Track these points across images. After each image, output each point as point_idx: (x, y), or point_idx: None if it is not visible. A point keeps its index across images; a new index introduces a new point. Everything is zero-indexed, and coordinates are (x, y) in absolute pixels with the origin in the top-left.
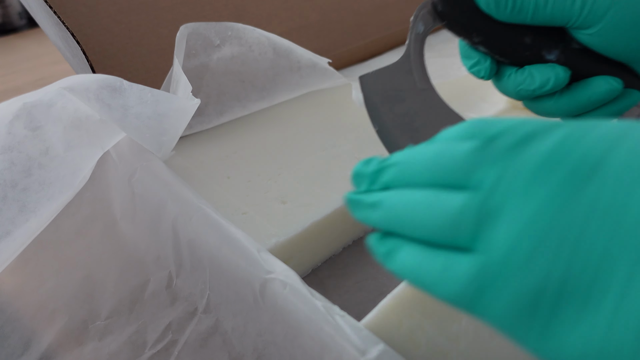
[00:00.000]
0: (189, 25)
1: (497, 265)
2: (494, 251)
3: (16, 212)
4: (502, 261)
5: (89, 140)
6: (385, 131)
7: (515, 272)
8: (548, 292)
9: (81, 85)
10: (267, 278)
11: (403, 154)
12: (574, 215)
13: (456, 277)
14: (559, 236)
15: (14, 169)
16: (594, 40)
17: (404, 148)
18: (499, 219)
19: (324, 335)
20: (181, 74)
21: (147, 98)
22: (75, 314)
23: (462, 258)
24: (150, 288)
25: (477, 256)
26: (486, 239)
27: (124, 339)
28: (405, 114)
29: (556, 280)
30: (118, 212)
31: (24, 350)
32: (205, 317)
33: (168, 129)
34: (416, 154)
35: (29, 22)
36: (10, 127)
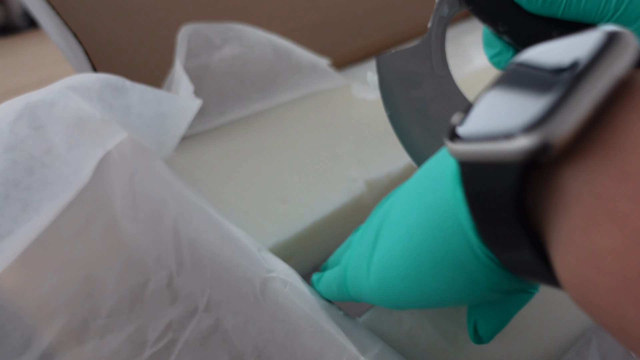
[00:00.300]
0: (191, 25)
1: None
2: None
3: (18, 211)
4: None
5: (91, 140)
6: (398, 117)
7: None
8: (367, 250)
9: (83, 84)
10: (267, 277)
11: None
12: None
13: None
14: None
15: (17, 167)
16: None
17: (414, 136)
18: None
19: (324, 333)
20: (183, 74)
21: (149, 98)
22: (75, 312)
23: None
24: (150, 287)
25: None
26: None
27: (125, 337)
28: (419, 99)
29: (368, 245)
30: (119, 211)
31: (25, 348)
32: (205, 316)
33: (169, 128)
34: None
35: (30, 23)
36: (13, 126)
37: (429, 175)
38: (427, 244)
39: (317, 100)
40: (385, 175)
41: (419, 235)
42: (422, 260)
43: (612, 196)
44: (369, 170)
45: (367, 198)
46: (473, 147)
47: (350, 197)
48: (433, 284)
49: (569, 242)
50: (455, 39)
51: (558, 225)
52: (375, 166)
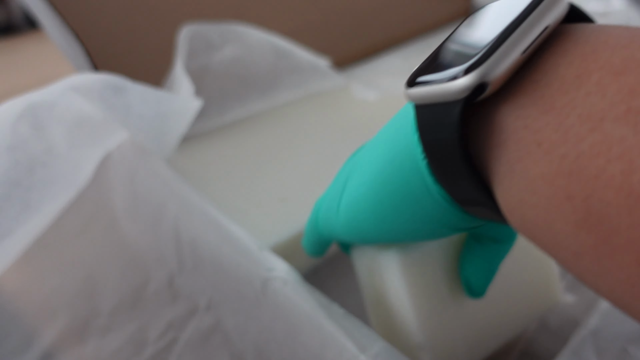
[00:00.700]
0: (191, 26)
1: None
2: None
3: (19, 211)
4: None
5: (92, 140)
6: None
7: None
8: (339, 189)
9: (85, 84)
10: (268, 276)
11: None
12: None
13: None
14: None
15: (18, 167)
16: None
17: None
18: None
19: (325, 332)
20: (183, 74)
21: (149, 98)
22: (76, 312)
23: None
24: (151, 286)
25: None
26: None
27: (126, 336)
28: None
29: (339, 184)
30: (120, 211)
31: (26, 348)
32: (206, 315)
33: (170, 129)
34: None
35: (31, 23)
36: (14, 126)
37: (394, 124)
38: (389, 184)
39: (317, 101)
40: None
41: (382, 176)
42: (385, 199)
43: (540, 127)
44: None
45: None
46: (424, 89)
47: None
48: (395, 220)
49: (507, 172)
50: None
51: (498, 158)
52: None
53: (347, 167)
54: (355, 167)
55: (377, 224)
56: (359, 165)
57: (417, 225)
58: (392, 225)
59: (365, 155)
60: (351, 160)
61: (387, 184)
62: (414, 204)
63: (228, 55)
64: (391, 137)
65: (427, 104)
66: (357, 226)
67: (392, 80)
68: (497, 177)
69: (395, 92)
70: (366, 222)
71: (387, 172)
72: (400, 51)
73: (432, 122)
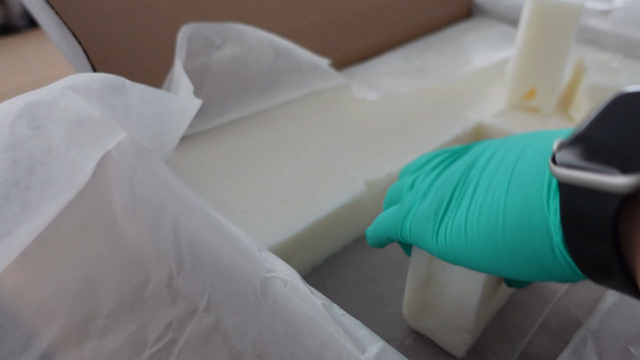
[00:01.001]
0: (190, 25)
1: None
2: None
3: (18, 211)
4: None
5: (91, 140)
6: None
7: (417, 202)
8: (439, 209)
9: (83, 84)
10: (268, 277)
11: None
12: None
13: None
14: (437, 188)
15: (17, 167)
16: None
17: None
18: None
19: (325, 333)
20: (182, 74)
21: (149, 98)
22: (75, 312)
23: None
24: (150, 287)
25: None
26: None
27: (125, 337)
28: None
29: (440, 203)
30: (119, 211)
31: (25, 348)
32: (205, 316)
33: (169, 128)
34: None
35: (30, 23)
36: (13, 126)
37: (521, 171)
38: (510, 232)
39: (317, 100)
40: (385, 175)
41: (503, 222)
42: (501, 244)
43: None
44: (369, 170)
45: (367, 198)
46: (576, 174)
47: (350, 197)
48: (504, 263)
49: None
50: (456, 39)
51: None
52: (375, 166)
53: (454, 176)
54: (468, 188)
55: (483, 260)
56: (473, 188)
57: (526, 271)
58: (498, 265)
59: (484, 182)
60: (459, 168)
61: (507, 232)
62: (532, 256)
63: (228, 54)
64: (519, 184)
65: (577, 186)
66: (458, 253)
67: (392, 80)
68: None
69: (395, 92)
70: (470, 255)
71: (511, 220)
72: (400, 51)
73: (579, 204)
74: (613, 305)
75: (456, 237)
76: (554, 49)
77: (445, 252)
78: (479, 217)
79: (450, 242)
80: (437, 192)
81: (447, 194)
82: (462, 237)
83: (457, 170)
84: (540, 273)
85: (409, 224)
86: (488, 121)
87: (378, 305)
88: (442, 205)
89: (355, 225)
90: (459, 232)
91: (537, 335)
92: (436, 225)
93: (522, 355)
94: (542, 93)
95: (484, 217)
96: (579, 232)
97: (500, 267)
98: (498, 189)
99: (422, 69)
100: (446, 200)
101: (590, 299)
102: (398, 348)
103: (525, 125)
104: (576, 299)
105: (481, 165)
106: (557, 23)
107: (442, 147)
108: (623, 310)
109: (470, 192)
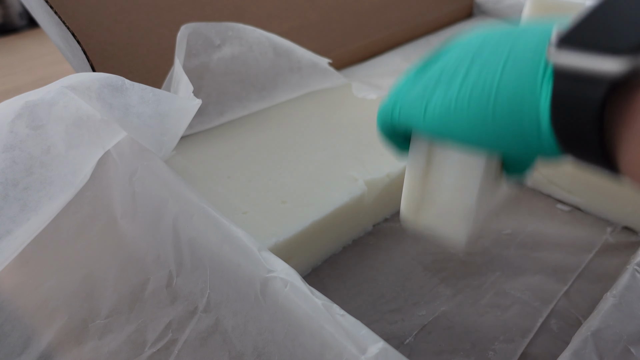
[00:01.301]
0: (190, 25)
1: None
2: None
3: (17, 211)
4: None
5: (90, 140)
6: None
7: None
8: (427, 86)
9: (83, 84)
10: (268, 277)
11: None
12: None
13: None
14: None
15: (16, 167)
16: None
17: None
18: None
19: (325, 333)
20: (182, 74)
21: (148, 97)
22: (75, 312)
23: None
24: (150, 287)
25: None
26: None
27: (124, 337)
28: None
29: (436, 77)
30: (118, 211)
31: (24, 348)
32: (205, 316)
33: (169, 128)
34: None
35: (29, 22)
36: (12, 125)
37: (518, 52)
38: (501, 110)
39: (317, 100)
40: (385, 175)
41: (495, 100)
42: (490, 121)
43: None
44: (369, 170)
45: (367, 198)
46: (573, 58)
47: (350, 197)
48: (490, 138)
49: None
50: None
51: (630, 127)
52: (375, 166)
53: (442, 61)
54: (458, 67)
55: (468, 134)
56: (464, 67)
57: (509, 145)
58: (482, 138)
59: (477, 63)
60: (448, 55)
61: (497, 108)
62: (517, 133)
63: (227, 53)
64: (513, 65)
65: (572, 71)
66: (444, 127)
67: (392, 80)
68: (626, 141)
69: None
70: (459, 128)
71: (503, 99)
72: (400, 51)
73: (571, 88)
74: (613, 306)
75: (445, 111)
76: None
77: (433, 126)
78: (471, 95)
79: (439, 116)
80: (427, 75)
81: (435, 74)
82: (451, 113)
83: (448, 54)
84: (522, 147)
85: (399, 105)
86: None
87: (378, 304)
88: (431, 83)
89: (355, 226)
90: (448, 106)
91: (538, 335)
92: (424, 101)
93: (522, 355)
94: None
95: (475, 95)
96: (565, 114)
97: (486, 141)
98: (492, 69)
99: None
100: (434, 79)
101: (591, 299)
102: (399, 347)
103: None
104: (576, 299)
105: (473, 46)
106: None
107: None
108: (623, 310)
109: (461, 71)
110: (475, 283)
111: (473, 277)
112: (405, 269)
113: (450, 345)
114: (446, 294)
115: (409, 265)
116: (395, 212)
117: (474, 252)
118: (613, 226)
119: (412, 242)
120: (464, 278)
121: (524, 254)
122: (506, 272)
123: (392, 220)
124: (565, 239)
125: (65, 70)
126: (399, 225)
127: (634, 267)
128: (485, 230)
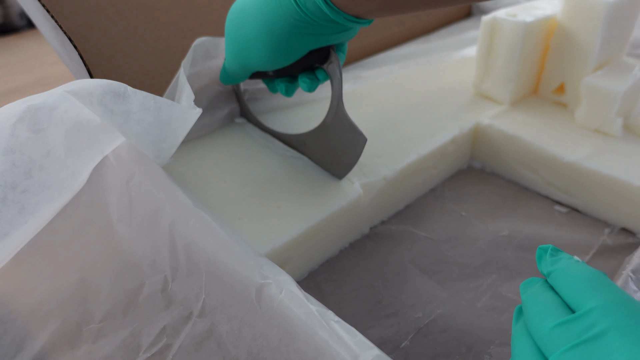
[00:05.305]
0: (201, 38)
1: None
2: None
3: (15, 214)
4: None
5: (90, 144)
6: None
7: None
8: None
9: (85, 89)
10: (263, 283)
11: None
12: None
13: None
14: None
15: (15, 170)
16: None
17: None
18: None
19: (319, 339)
20: (185, 83)
21: (150, 105)
22: (69, 316)
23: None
24: (145, 291)
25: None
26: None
27: (118, 342)
28: None
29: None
30: (115, 215)
31: (17, 351)
32: (200, 321)
33: (168, 136)
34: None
35: (29, 22)
36: (13, 128)
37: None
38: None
39: (312, 102)
40: (382, 178)
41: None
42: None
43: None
44: (365, 173)
45: (363, 201)
46: None
47: (347, 201)
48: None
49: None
50: (455, 38)
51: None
52: (371, 169)
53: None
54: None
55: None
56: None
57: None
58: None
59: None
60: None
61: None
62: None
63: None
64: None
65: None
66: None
67: (387, 80)
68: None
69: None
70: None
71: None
72: (400, 51)
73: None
74: None
75: (253, 54)
76: (582, 45)
77: (260, 60)
78: (258, 32)
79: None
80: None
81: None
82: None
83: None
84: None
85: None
86: (486, 122)
87: (375, 309)
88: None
89: (352, 229)
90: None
91: None
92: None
93: None
94: (570, 89)
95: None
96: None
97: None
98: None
99: (421, 67)
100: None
101: None
102: (394, 350)
103: (525, 125)
104: None
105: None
106: (585, 18)
107: (439, 149)
108: None
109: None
110: (472, 285)
111: (469, 279)
112: (401, 272)
113: (446, 349)
114: (442, 297)
115: (405, 268)
116: (392, 214)
117: (471, 255)
118: (611, 227)
119: (409, 245)
120: (460, 280)
121: (520, 256)
122: (503, 275)
123: (389, 223)
124: (563, 241)
125: (65, 71)
126: (395, 227)
127: (628, 274)
128: (481, 232)
